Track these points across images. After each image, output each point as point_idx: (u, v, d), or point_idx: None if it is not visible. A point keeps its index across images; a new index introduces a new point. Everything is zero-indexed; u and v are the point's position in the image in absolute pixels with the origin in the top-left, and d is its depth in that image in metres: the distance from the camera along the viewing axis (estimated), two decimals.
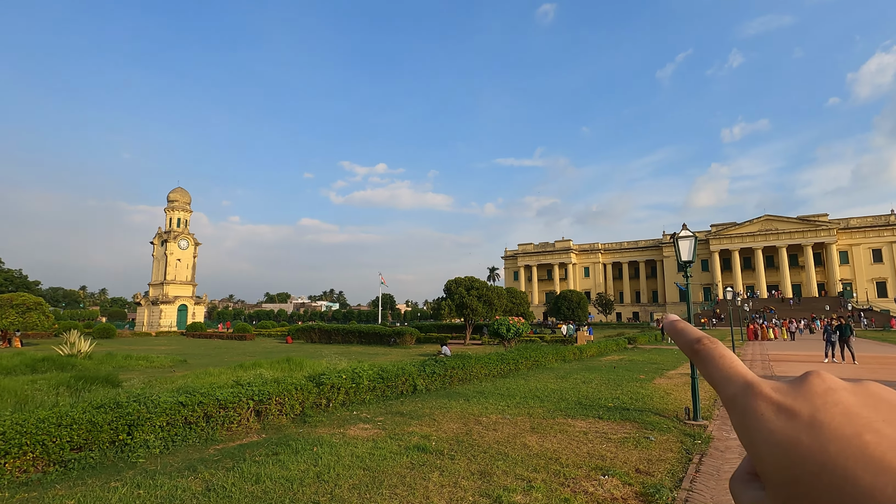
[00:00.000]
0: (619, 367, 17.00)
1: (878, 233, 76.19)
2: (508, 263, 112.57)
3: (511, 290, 36.74)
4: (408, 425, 7.57)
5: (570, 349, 20.36)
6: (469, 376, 12.78)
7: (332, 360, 16.97)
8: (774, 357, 20.60)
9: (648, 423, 7.42)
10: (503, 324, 21.24)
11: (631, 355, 22.26)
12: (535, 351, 17.19)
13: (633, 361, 19.08)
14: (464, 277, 32.89)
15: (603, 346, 24.28)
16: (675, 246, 8.22)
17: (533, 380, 13.05)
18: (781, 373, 14.56)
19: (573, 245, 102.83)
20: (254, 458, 5.76)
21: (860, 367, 16.31)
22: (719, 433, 6.96)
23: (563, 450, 6.07)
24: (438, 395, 10.55)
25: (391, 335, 30.93)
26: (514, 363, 14.98)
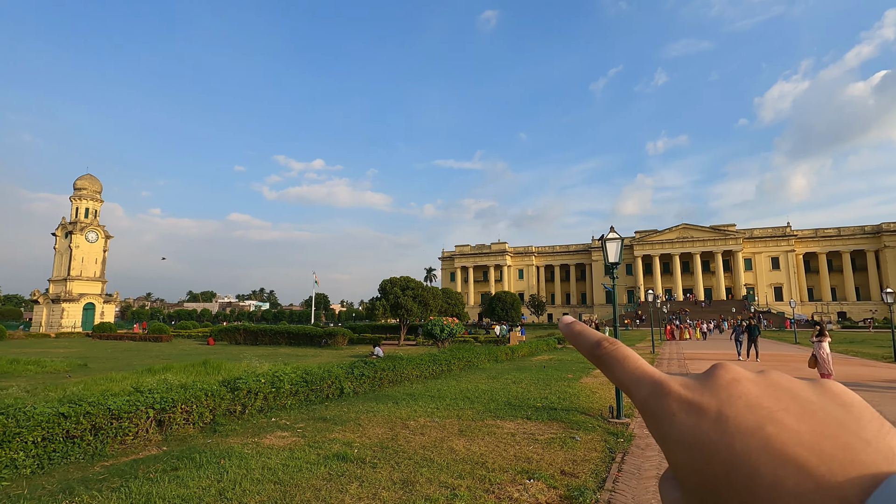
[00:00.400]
0: (548, 366, 17.36)
1: (777, 243, 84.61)
2: (445, 264, 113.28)
3: (446, 291, 36.78)
4: (330, 431, 7.11)
5: (503, 349, 20.59)
6: (400, 378, 12.44)
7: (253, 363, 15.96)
8: (689, 356, 22.02)
9: (575, 423, 7.48)
10: (437, 324, 21.10)
11: (560, 355, 22.91)
12: (468, 351, 17.16)
13: (562, 361, 19.61)
14: (399, 277, 32.46)
15: (534, 346, 24.83)
16: (603, 247, 8.39)
17: (465, 380, 12.95)
18: (696, 370, 15.48)
19: (508, 248, 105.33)
20: (147, 476, 5.09)
21: (762, 364, 17.76)
22: (640, 430, 7.13)
23: (490, 453, 5.91)
24: (367, 398, 10.13)
25: (322, 336, 29.87)
26: (446, 364, 14.83)
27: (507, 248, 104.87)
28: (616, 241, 8.33)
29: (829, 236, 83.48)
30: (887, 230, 78.97)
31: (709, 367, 0.33)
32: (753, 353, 18.75)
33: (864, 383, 12.21)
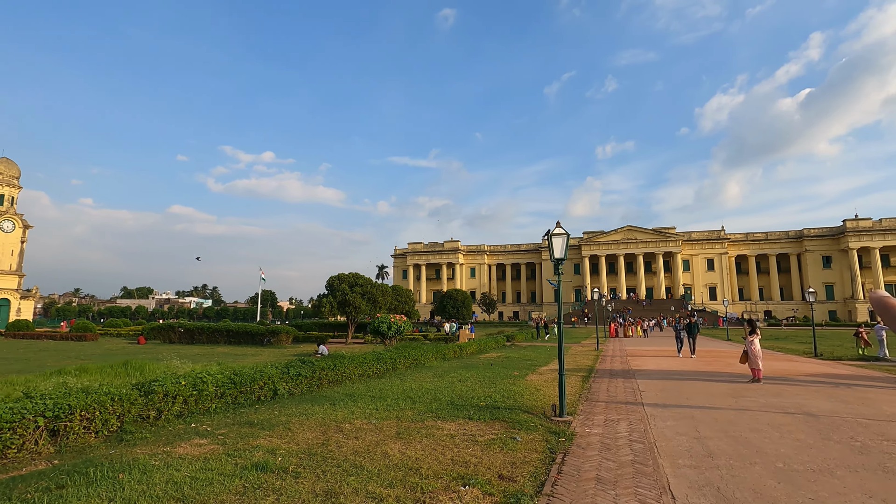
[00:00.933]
0: (496, 364, 17.26)
1: (712, 245, 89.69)
2: (398, 262, 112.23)
3: (396, 288, 36.21)
4: (255, 437, 6.52)
5: (451, 347, 20.35)
6: (341, 378, 11.87)
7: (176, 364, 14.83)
8: (632, 352, 22.67)
9: (517, 422, 7.26)
10: (384, 321, 20.56)
11: (508, 352, 22.96)
12: (415, 349, 16.78)
13: (510, 358, 19.61)
14: (348, 274, 31.58)
15: (483, 343, 24.78)
16: (549, 243, 8.24)
17: (409, 379, 12.55)
18: (637, 366, 15.84)
19: (461, 246, 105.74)
20: (23, 497, 4.35)
21: (697, 359, 18.47)
22: (582, 429, 7.00)
23: (426, 457, 5.55)
24: (303, 399, 9.52)
25: (265, 334, 28.53)
26: (391, 362, 14.37)
27: (460, 246, 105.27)
28: (562, 236, 8.19)
29: (758, 240, 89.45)
30: (808, 235, 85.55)
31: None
32: (691, 349, 19.30)
33: (790, 378, 12.85)
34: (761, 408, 8.38)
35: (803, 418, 7.44)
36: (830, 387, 11.00)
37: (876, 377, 13.19)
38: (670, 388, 10.81)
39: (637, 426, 7.09)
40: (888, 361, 18.12)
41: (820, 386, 11.14)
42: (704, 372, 14.07)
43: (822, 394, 9.88)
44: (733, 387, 10.93)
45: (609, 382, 12.11)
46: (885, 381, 12.27)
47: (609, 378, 13.03)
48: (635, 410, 8.31)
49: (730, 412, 7.99)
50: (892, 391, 10.42)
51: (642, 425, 7.15)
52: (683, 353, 19.67)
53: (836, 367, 15.73)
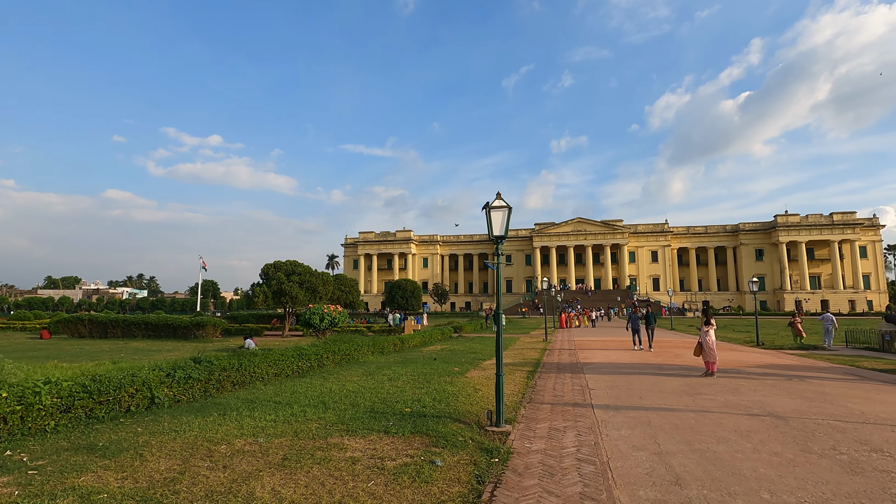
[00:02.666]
0: (438, 357, 15.94)
1: (656, 238, 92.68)
2: (348, 252, 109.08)
3: (340, 277, 34.16)
4: (81, 472, 4.75)
5: (391, 340, 18.82)
6: (249, 378, 10.08)
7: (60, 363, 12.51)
8: (580, 344, 21.98)
9: (443, 437, 5.86)
10: (316, 313, 18.72)
11: (454, 345, 21.72)
12: (348, 343, 15.12)
13: (454, 351, 18.34)
14: (285, 261, 29.27)
15: (428, 335, 23.41)
16: (488, 217, 6.85)
17: (333, 379, 10.95)
18: (585, 359, 14.94)
19: (413, 235, 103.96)
20: None
21: (646, 352, 17.89)
22: (521, 443, 5.69)
23: (306, 500, 4.03)
24: (188, 409, 7.73)
25: (189, 327, 25.86)
26: (316, 359, 12.67)
27: (412, 235, 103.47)
28: (502, 210, 6.83)
29: (699, 234, 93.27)
30: (743, 230, 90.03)
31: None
32: (647, 342, 18.46)
33: (740, 369, 12.25)
34: (722, 408, 7.41)
35: (771, 422, 6.49)
36: (784, 380, 10.37)
37: (822, 367, 12.85)
38: (621, 385, 9.79)
39: (587, 438, 5.87)
40: (829, 351, 18.27)
41: (773, 379, 10.49)
42: (654, 365, 13.30)
43: (780, 389, 9.13)
44: (687, 382, 10.07)
45: (556, 378, 11.00)
46: (834, 372, 11.88)
47: (556, 373, 11.95)
48: (584, 415, 7.12)
49: (689, 415, 6.95)
50: (847, 383, 9.89)
51: (593, 436, 5.94)
52: (644, 344, 18.69)
53: (781, 357, 15.48)
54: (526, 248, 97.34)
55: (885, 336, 18.09)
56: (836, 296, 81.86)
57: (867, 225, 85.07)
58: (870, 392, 8.77)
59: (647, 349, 17.72)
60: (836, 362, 14.17)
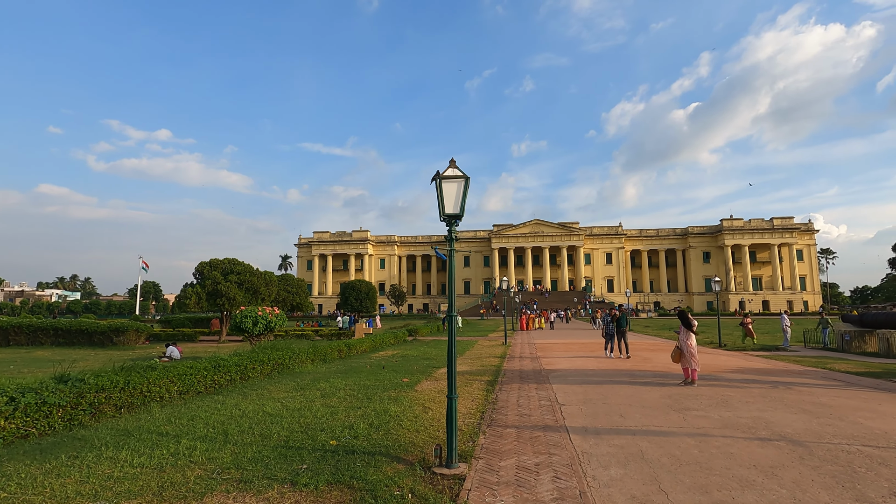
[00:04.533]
0: (388, 365, 14.20)
1: (611, 240, 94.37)
2: (302, 252, 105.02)
3: (286, 278, 31.68)
4: None
5: (336, 346, 16.89)
6: (141, 400, 8.01)
7: None
8: (541, 347, 20.76)
9: (371, 489, 4.18)
10: (248, 316, 16.51)
11: (407, 349, 20.01)
12: (282, 351, 13.11)
13: (407, 357, 16.64)
14: (222, 259, 26.60)
15: (379, 339, 21.58)
16: (438, 190, 5.24)
17: (254, 396, 9.02)
18: (549, 365, 13.62)
19: (370, 236, 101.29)
20: None
21: (633, 362, 16.81)
22: (480, 495, 4.08)
23: None
24: (33, 446, 5.69)
25: (107, 333, 22.80)
26: (238, 371, 10.64)
27: (369, 236, 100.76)
28: (457, 181, 5.24)
29: (650, 236, 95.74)
30: (692, 233, 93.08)
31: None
32: (622, 348, 15.69)
33: (716, 375, 11.23)
34: (723, 430, 6.11)
35: (790, 450, 5.20)
36: (770, 388, 9.32)
37: (797, 371, 12.07)
38: (595, 399, 8.41)
39: (567, 483, 4.34)
40: (790, 352, 17.86)
41: (758, 387, 9.43)
42: (625, 371, 12.10)
43: (773, 400, 8.00)
44: (669, 393, 8.82)
45: (520, 390, 9.52)
46: (812, 376, 11.05)
47: (520, 383, 10.49)
48: (560, 444, 5.61)
49: (689, 442, 5.57)
50: (836, 390, 8.94)
51: (575, 479, 4.42)
52: (616, 353, 15.82)
53: (750, 360, 14.74)
54: (484, 249, 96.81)
55: (844, 336, 17.87)
56: (776, 296, 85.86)
57: (803, 230, 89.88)
58: (870, 402, 7.78)
59: (619, 356, 15.37)
60: (806, 364, 13.51)
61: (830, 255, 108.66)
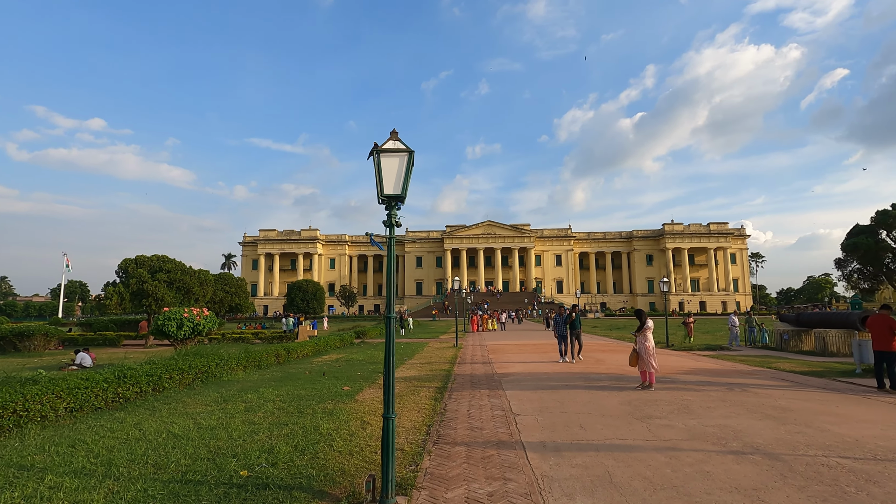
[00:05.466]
0: (330, 371, 13.08)
1: (560, 243, 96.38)
2: (247, 251, 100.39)
3: (225, 277, 29.55)
4: None
5: (274, 350, 15.52)
6: (13, 421, 6.55)
7: None
8: (493, 348, 20.19)
9: None
10: (172, 318, 14.80)
11: (353, 352, 18.86)
12: (208, 357, 11.70)
13: (351, 362, 15.54)
14: (150, 256, 24.31)
15: (323, 342, 20.27)
16: (377, 165, 4.33)
17: (165, 412, 7.73)
18: (502, 369, 12.97)
19: (320, 235, 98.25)
20: None
21: (585, 365, 16.45)
22: None
23: None
24: None
25: (9, 337, 20.11)
26: (150, 381, 9.22)
27: (319, 235, 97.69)
28: (398, 155, 4.36)
29: (598, 239, 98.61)
30: (636, 237, 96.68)
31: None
32: (573, 351, 14.79)
33: (674, 377, 10.95)
34: (691, 441, 5.56)
35: (768, 465, 4.68)
36: (726, 390, 9.05)
37: (747, 371, 12.04)
38: (552, 406, 7.76)
39: None
40: (734, 351, 18.20)
41: (716, 390, 9.14)
42: (580, 374, 11.62)
43: (735, 405, 7.64)
44: (628, 398, 8.31)
45: (471, 398, 8.75)
46: (762, 377, 11.00)
47: (471, 389, 9.72)
48: (516, 466, 4.84)
49: (658, 458, 4.96)
50: (791, 392, 8.78)
51: None
52: (569, 356, 14.66)
53: (699, 360, 14.75)
54: (437, 249, 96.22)
55: (783, 336, 18.43)
56: (712, 297, 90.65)
57: (736, 235, 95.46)
58: (828, 405, 7.58)
59: (571, 360, 14.42)
60: (752, 364, 13.62)
61: (760, 259, 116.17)
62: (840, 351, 15.66)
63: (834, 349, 15.80)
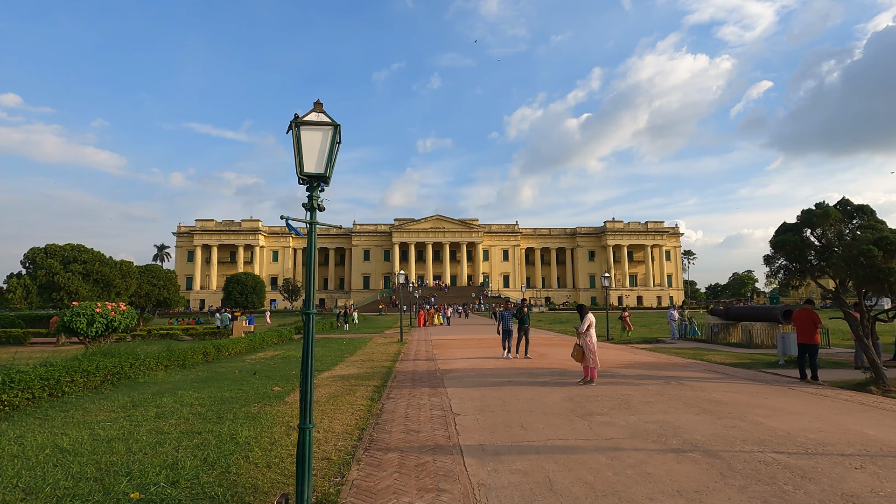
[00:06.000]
0: (262, 370, 12.24)
1: (507, 238, 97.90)
2: (182, 241, 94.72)
3: (152, 269, 27.41)
4: None
5: (202, 347, 14.39)
6: None
7: None
8: (437, 343, 19.88)
9: None
10: (82, 313, 13.29)
11: (291, 349, 17.93)
12: (120, 357, 10.54)
13: (288, 359, 14.70)
14: (63, 245, 22.02)
15: (259, 339, 19.16)
16: (295, 141, 3.77)
17: (59, 420, 6.78)
18: (445, 365, 12.65)
19: (263, 226, 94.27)
20: None
21: (535, 361, 16.40)
22: None
23: None
24: None
25: None
26: (44, 386, 8.08)
27: (261, 226, 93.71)
28: (322, 129, 3.82)
29: (543, 235, 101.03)
30: (580, 233, 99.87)
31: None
32: (518, 348, 14.33)
33: (614, 371, 11.04)
34: (631, 438, 5.42)
35: (708, 463, 4.58)
36: (663, 383, 9.17)
37: (681, 364, 12.41)
38: (493, 405, 7.48)
39: None
40: (669, 343, 18.90)
41: (654, 384, 9.23)
42: (523, 370, 11.49)
43: (672, 399, 7.69)
44: (570, 394, 8.19)
45: (410, 397, 8.32)
46: (695, 369, 11.34)
47: (411, 387, 9.30)
48: (451, 475, 4.46)
49: (599, 459, 4.75)
50: (723, 384, 9.02)
51: None
52: (513, 352, 14.28)
53: (637, 353, 15.12)
54: (385, 243, 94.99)
55: (713, 328, 19.35)
56: (648, 292, 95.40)
57: (671, 233, 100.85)
58: (758, 397, 7.79)
59: (516, 357, 13.96)
60: (686, 356, 14.10)
61: (691, 257, 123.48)
62: (764, 343, 16.58)
63: (759, 341, 16.71)
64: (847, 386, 8.91)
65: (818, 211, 9.41)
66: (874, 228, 8.83)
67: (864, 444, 5.13)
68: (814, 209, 9.67)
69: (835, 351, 15.10)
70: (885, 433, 5.62)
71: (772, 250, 10.26)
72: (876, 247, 8.34)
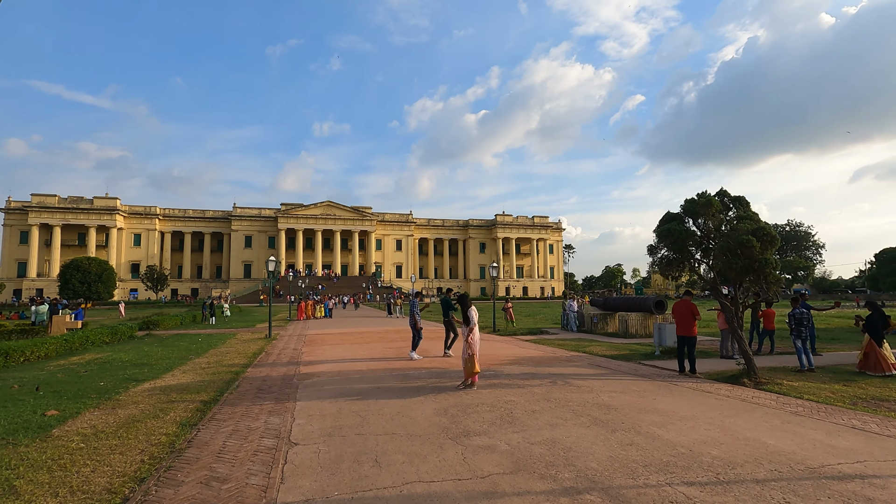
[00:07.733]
0: (60, 380, 9.36)
1: (401, 227, 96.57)
2: (13, 219, 78.89)
3: None
4: None
5: None
6: None
7: None
8: (311, 339, 17.68)
9: None
10: None
11: (122, 350, 14.54)
12: None
13: (108, 364, 11.63)
14: None
15: (80, 338, 15.35)
16: None
17: None
18: (309, 368, 10.73)
19: (122, 205, 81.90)
20: None
21: (386, 347, 14.88)
22: None
23: None
24: None
25: None
26: None
27: (119, 205, 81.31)
28: None
29: (437, 226, 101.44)
30: (472, 225, 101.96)
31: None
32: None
33: (498, 370, 10.03)
34: (514, 473, 4.16)
35: None
36: (549, 385, 8.28)
37: (565, 358, 11.89)
38: (349, 424, 5.87)
39: None
40: (550, 334, 18.81)
41: (540, 385, 8.30)
42: (398, 372, 10.02)
43: (557, 405, 6.71)
44: (445, 404, 6.85)
45: (242, 417, 6.36)
46: (580, 365, 10.82)
47: (251, 402, 7.30)
48: None
49: None
50: (610, 382, 8.39)
51: None
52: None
53: (523, 346, 14.53)
54: (270, 229, 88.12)
55: (593, 319, 19.71)
56: (533, 283, 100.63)
57: (555, 228, 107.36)
58: (646, 399, 7.14)
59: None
60: (569, 349, 13.78)
61: (571, 251, 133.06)
62: (639, 333, 17.07)
63: (634, 331, 17.17)
64: (722, 378, 8.79)
65: (701, 200, 9.17)
66: (752, 219, 8.75)
67: (770, 461, 4.42)
68: (696, 198, 9.45)
69: (699, 339, 15.90)
70: (781, 440, 5.06)
71: (656, 240, 9.93)
72: (754, 237, 8.19)
